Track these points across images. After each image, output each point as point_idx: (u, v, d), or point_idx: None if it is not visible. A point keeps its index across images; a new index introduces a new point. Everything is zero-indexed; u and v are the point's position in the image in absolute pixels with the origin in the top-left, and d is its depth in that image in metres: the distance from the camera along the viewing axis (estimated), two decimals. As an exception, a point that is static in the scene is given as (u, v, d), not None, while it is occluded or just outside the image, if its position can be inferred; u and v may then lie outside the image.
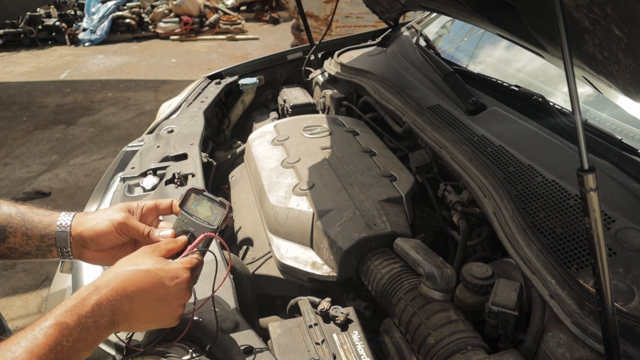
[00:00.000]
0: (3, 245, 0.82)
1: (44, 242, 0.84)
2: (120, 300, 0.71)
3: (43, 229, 0.84)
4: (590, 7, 0.79)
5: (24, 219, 0.84)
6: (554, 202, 1.10)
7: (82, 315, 0.67)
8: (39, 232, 0.84)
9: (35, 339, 0.62)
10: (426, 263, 1.03)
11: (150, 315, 0.77)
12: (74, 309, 0.67)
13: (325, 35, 2.46)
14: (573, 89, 0.67)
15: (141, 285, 0.73)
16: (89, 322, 0.67)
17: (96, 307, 0.68)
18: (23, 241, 0.83)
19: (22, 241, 0.83)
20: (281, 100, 2.35)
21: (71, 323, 0.65)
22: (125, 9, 9.37)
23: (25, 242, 0.83)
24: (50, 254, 0.86)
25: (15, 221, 0.83)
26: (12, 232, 0.82)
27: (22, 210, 0.85)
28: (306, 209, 1.31)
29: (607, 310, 0.71)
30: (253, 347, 0.86)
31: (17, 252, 0.84)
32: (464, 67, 1.85)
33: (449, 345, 0.91)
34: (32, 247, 0.84)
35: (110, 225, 0.85)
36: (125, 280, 0.72)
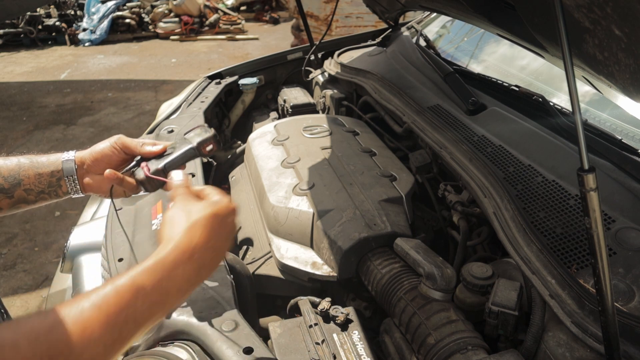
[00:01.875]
0: (20, 189, 0.88)
1: (54, 177, 0.91)
2: (198, 253, 0.68)
3: (51, 164, 0.92)
4: (591, 7, 0.79)
5: (32, 162, 0.91)
6: (554, 202, 1.10)
7: (161, 277, 0.64)
8: (48, 168, 0.91)
9: (106, 296, 0.58)
10: (426, 263, 1.03)
11: (220, 253, 0.75)
12: (153, 269, 0.64)
13: (325, 35, 2.46)
14: (573, 89, 0.67)
15: (208, 234, 0.71)
16: (169, 285, 0.64)
17: (175, 266, 0.65)
18: (36, 180, 0.90)
19: (35, 180, 0.90)
20: (281, 100, 2.35)
21: (149, 285, 0.62)
22: (125, 9, 9.37)
23: (38, 181, 0.90)
24: (60, 189, 0.92)
25: (26, 165, 0.90)
26: (25, 174, 0.89)
27: (29, 156, 0.93)
28: (306, 209, 1.31)
29: (607, 310, 0.71)
30: (253, 347, 0.86)
31: (33, 193, 0.90)
32: (464, 67, 1.85)
33: (449, 345, 0.91)
34: (45, 185, 0.91)
35: (108, 143, 0.94)
36: (194, 233, 0.70)
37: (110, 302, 0.58)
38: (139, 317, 0.61)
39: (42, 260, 3.18)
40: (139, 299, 0.60)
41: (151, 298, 0.62)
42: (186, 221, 0.71)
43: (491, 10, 1.33)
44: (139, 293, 0.61)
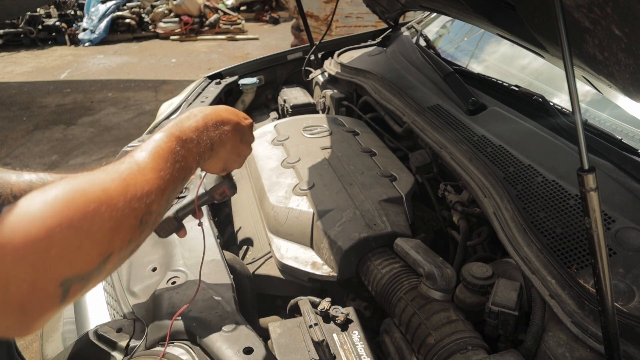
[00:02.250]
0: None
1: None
2: (213, 124, 0.75)
3: None
4: (591, 7, 0.79)
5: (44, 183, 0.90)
6: (554, 202, 1.10)
7: (186, 132, 0.69)
8: None
9: (157, 145, 0.62)
10: (426, 263, 1.03)
11: (232, 145, 0.80)
12: (177, 126, 0.69)
13: (325, 35, 2.46)
14: (573, 89, 0.67)
15: (227, 115, 0.79)
16: (194, 137, 0.69)
17: (196, 127, 0.71)
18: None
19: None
20: (281, 100, 2.35)
21: (180, 135, 0.67)
22: (125, 9, 9.37)
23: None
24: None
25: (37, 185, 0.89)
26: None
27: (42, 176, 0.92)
28: (306, 209, 1.31)
29: (607, 310, 0.71)
30: (253, 347, 0.86)
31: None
32: (464, 67, 1.85)
33: (449, 345, 0.91)
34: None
35: None
36: (215, 109, 0.78)
37: (161, 148, 0.62)
38: (179, 164, 0.64)
39: (42, 260, 3.18)
40: (178, 145, 0.66)
41: (186, 146, 0.67)
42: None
43: (491, 10, 1.33)
44: (172, 142, 0.65)
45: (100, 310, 1.27)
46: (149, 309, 1.00)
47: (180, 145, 0.66)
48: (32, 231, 0.43)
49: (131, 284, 1.09)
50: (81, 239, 0.46)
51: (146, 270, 1.10)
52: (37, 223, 0.44)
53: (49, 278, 0.44)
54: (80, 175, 0.51)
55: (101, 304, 1.26)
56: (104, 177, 0.52)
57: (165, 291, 1.00)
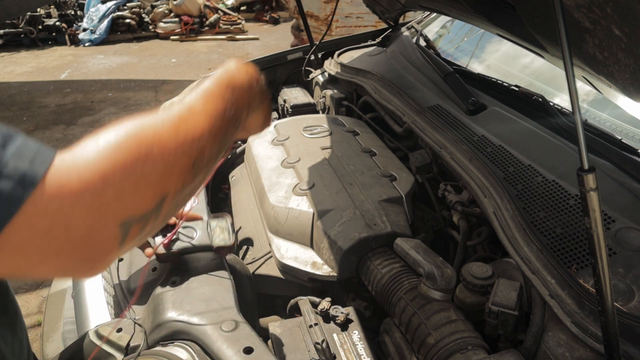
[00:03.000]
0: None
1: None
2: (240, 89, 0.68)
3: None
4: (591, 7, 0.79)
5: None
6: (554, 202, 1.10)
7: (236, 81, 0.66)
8: None
9: (209, 90, 0.60)
10: (426, 263, 1.03)
11: (257, 106, 0.75)
12: (228, 74, 0.66)
13: (325, 35, 2.46)
14: (573, 89, 0.67)
15: (246, 77, 0.71)
16: (244, 86, 0.67)
17: (243, 79, 0.68)
18: None
19: None
20: (281, 100, 2.35)
21: (230, 83, 0.64)
22: (125, 9, 9.37)
23: None
24: None
25: None
26: None
27: None
28: (306, 209, 1.31)
29: (607, 310, 0.71)
30: (253, 347, 0.86)
31: None
32: (464, 67, 1.85)
33: (449, 345, 0.91)
34: None
35: None
36: (234, 72, 0.70)
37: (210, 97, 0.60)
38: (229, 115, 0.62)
39: (42, 260, 3.18)
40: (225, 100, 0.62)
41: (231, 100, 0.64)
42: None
43: (491, 10, 1.33)
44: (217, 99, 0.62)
45: (100, 310, 1.28)
46: (149, 309, 1.00)
47: (230, 92, 0.64)
48: (87, 175, 0.44)
49: (131, 284, 1.09)
50: (135, 181, 0.47)
51: (146, 270, 1.10)
52: (92, 167, 0.45)
53: (107, 220, 0.46)
54: (132, 119, 0.51)
55: (101, 304, 1.27)
56: (155, 121, 0.52)
57: (165, 291, 1.00)
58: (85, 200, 0.44)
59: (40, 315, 2.67)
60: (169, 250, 1.00)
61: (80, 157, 0.45)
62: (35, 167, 0.42)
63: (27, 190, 0.41)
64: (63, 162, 0.44)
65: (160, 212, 0.51)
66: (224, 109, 0.61)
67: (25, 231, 0.41)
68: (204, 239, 1.03)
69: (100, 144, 0.47)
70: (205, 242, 1.02)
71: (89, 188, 0.44)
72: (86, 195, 0.44)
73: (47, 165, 0.43)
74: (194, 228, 1.04)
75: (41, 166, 0.43)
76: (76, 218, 0.44)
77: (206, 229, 1.05)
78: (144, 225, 0.50)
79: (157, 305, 0.97)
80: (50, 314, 1.54)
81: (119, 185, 0.46)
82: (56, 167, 0.43)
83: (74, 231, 0.44)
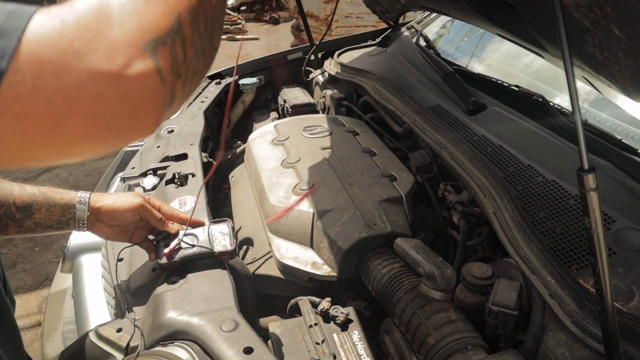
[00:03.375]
0: (30, 221, 0.92)
1: (64, 217, 0.95)
2: None
3: (64, 205, 0.95)
4: (590, 7, 0.79)
5: (46, 197, 0.94)
6: (554, 202, 1.10)
7: None
8: (60, 207, 0.95)
9: None
10: (426, 263, 1.03)
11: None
12: None
13: (325, 35, 2.46)
14: (573, 89, 0.67)
15: None
16: None
17: None
18: (47, 216, 0.94)
19: (45, 216, 0.94)
20: (281, 100, 2.35)
21: None
22: (125, 9, 9.36)
23: (48, 217, 0.94)
24: (68, 227, 0.97)
25: (39, 199, 0.93)
26: (37, 208, 0.93)
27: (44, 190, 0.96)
28: (306, 209, 1.31)
29: (607, 310, 0.71)
30: (253, 347, 0.86)
31: (41, 227, 0.94)
32: (464, 67, 1.85)
33: (449, 345, 0.91)
34: (54, 222, 0.95)
35: (130, 205, 0.99)
36: None
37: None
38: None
39: (42, 260, 3.18)
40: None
41: None
42: None
43: (491, 10, 1.33)
44: None
45: (100, 310, 1.28)
46: (149, 309, 1.00)
47: None
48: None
49: (131, 284, 1.09)
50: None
51: (146, 270, 1.10)
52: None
53: (134, 42, 0.41)
54: None
55: (101, 304, 1.27)
56: None
57: (165, 291, 1.00)
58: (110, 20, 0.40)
59: (40, 315, 2.67)
60: (170, 260, 1.02)
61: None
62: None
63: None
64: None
65: (181, 33, 0.46)
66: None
67: (36, 67, 0.37)
68: (204, 244, 1.05)
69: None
70: (207, 249, 1.04)
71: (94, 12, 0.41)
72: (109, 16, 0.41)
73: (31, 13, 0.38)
74: (195, 235, 1.06)
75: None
76: (111, 40, 0.40)
77: (207, 235, 1.06)
78: (170, 46, 0.45)
79: (157, 305, 0.97)
80: (50, 314, 1.54)
81: (135, 5, 0.42)
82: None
83: (103, 59, 0.39)
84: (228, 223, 1.10)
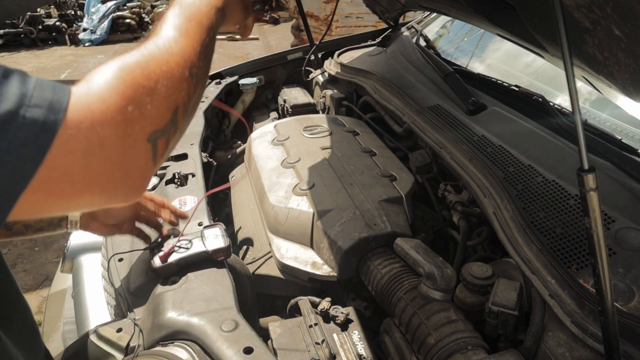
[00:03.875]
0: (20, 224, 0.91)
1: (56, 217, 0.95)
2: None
3: None
4: (590, 7, 0.79)
5: None
6: (554, 202, 1.10)
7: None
8: None
9: (188, 13, 0.65)
10: (426, 263, 1.03)
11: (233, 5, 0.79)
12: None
13: (325, 35, 2.46)
14: (573, 89, 0.67)
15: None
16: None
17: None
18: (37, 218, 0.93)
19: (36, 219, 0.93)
20: (281, 100, 2.35)
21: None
22: (125, 9, 9.37)
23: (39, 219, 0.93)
24: (60, 227, 0.96)
25: None
26: None
27: None
28: (306, 209, 1.31)
29: (607, 310, 0.71)
30: (253, 347, 0.86)
31: (32, 229, 0.93)
32: (464, 67, 1.85)
33: (449, 345, 0.91)
34: (46, 223, 0.94)
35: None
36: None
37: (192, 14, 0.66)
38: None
39: (42, 260, 3.18)
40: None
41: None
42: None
43: (491, 10, 1.33)
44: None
45: (100, 310, 1.28)
46: (149, 309, 1.00)
47: (212, 10, 0.69)
48: (108, 95, 0.50)
49: (131, 284, 1.09)
50: (151, 96, 0.53)
51: (146, 270, 1.10)
52: (112, 88, 0.50)
53: (136, 134, 0.51)
54: (136, 50, 0.58)
55: (101, 304, 1.27)
56: (159, 51, 0.59)
57: (165, 291, 1.00)
58: (112, 119, 0.48)
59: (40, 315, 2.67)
60: (165, 263, 1.03)
61: (98, 83, 0.50)
62: (58, 95, 0.45)
63: (58, 115, 0.44)
64: (81, 89, 0.49)
65: (177, 124, 0.58)
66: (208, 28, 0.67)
67: (65, 155, 0.44)
68: (199, 246, 1.07)
69: (112, 72, 0.52)
70: (201, 249, 1.06)
71: (112, 107, 0.49)
72: (111, 113, 0.48)
73: (69, 92, 0.46)
74: (189, 239, 1.09)
75: (64, 94, 0.46)
76: (108, 136, 0.48)
77: (200, 238, 1.09)
78: (167, 138, 0.57)
79: (157, 305, 0.97)
80: (50, 314, 1.54)
81: (138, 102, 0.51)
82: (76, 94, 0.47)
83: (109, 149, 0.48)
84: (220, 226, 1.13)
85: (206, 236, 1.09)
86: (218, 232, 1.11)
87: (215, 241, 1.08)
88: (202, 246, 1.07)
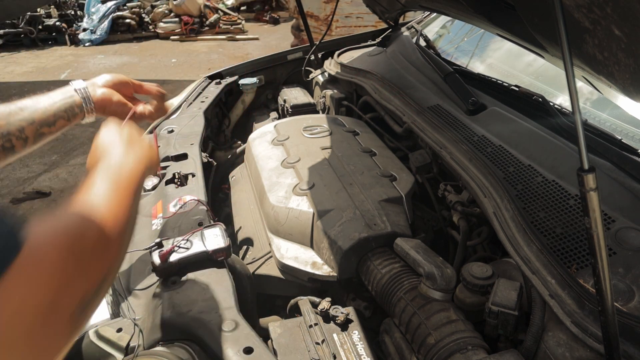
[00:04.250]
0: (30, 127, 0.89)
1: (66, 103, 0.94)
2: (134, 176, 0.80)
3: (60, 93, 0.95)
4: (590, 7, 0.79)
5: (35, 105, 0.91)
6: (554, 202, 1.10)
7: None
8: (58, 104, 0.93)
9: (116, 175, 0.73)
10: (426, 263, 1.03)
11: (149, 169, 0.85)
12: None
13: (325, 35, 2.46)
14: (573, 89, 0.67)
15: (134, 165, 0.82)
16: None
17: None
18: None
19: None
20: (281, 100, 2.35)
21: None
22: (125, 9, 9.37)
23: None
24: (73, 113, 0.95)
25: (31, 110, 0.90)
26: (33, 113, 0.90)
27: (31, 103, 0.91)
28: (306, 209, 1.31)
29: (607, 310, 0.71)
30: (253, 347, 0.86)
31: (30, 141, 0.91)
32: (464, 67, 1.85)
33: (449, 345, 0.91)
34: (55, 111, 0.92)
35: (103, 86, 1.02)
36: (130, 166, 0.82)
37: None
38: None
39: (42, 260, 3.17)
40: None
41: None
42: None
43: (491, 10, 1.33)
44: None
45: (100, 310, 1.27)
46: (149, 309, 1.00)
47: (132, 185, 0.76)
48: (48, 259, 0.50)
49: (131, 284, 1.09)
50: (86, 263, 0.55)
51: (146, 270, 1.10)
52: (52, 256, 0.51)
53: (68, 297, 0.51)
54: (75, 212, 0.60)
55: (101, 304, 1.26)
56: (95, 217, 0.61)
57: (165, 291, 1.00)
58: (51, 276, 0.49)
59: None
60: (165, 262, 1.03)
61: (39, 248, 0.49)
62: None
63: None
64: (29, 252, 0.48)
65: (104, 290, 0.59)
66: (132, 198, 0.74)
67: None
68: (198, 246, 1.07)
69: (56, 244, 0.52)
70: (201, 249, 1.06)
71: (51, 268, 0.49)
72: (49, 274, 0.49)
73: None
74: (189, 240, 1.09)
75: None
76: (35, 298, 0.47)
77: (200, 238, 1.09)
78: (93, 301, 0.56)
79: (157, 305, 0.97)
80: (50, 314, 1.53)
81: (73, 268, 0.52)
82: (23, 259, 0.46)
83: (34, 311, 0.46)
84: (220, 226, 1.13)
85: (206, 236, 1.10)
86: (218, 232, 1.11)
87: (215, 241, 1.08)
88: (202, 246, 1.07)
